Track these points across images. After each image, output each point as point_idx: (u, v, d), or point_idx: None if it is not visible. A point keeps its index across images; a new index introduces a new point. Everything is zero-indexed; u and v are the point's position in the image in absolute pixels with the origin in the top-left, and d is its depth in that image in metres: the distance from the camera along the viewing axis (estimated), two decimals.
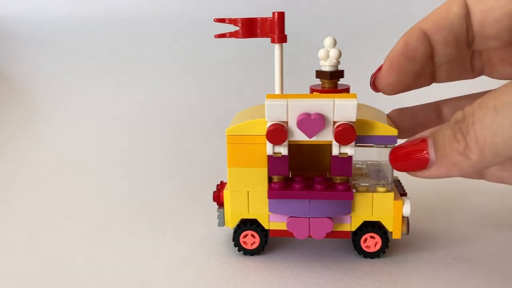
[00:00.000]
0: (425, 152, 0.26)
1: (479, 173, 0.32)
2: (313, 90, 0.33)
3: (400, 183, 0.35)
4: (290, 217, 0.32)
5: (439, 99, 0.35)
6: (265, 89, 0.34)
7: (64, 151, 0.61)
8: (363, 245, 0.33)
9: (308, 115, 0.29)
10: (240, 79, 0.75)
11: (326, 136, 0.30)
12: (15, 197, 0.47)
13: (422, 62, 0.28)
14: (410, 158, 0.27)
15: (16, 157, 0.60)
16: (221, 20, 0.34)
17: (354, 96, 0.29)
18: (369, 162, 0.36)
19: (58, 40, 0.81)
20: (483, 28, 0.27)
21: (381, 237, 0.33)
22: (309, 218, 0.32)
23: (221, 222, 0.35)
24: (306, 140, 0.30)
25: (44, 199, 0.46)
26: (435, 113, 0.34)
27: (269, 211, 0.33)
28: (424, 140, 0.26)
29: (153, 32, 0.81)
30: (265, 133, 0.31)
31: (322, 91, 0.32)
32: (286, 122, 0.30)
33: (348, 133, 0.29)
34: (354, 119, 0.29)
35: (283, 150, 0.30)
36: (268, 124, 0.30)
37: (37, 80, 0.79)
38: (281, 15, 0.32)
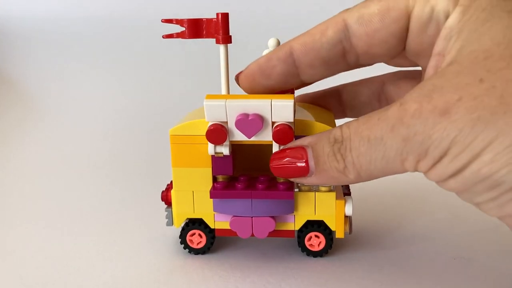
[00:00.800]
0: (304, 161, 0.27)
1: None
2: None
3: None
4: (234, 216, 0.32)
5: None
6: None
7: (64, 151, 0.62)
8: (307, 244, 0.33)
9: (246, 115, 0.29)
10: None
11: (266, 136, 0.30)
12: (15, 197, 0.48)
13: (279, 80, 0.30)
14: (290, 167, 0.28)
15: (16, 156, 0.60)
16: (169, 21, 0.34)
17: (292, 97, 0.29)
18: None
19: (58, 40, 0.81)
20: (370, 48, 0.28)
21: (325, 236, 0.33)
22: (252, 217, 0.32)
23: (170, 222, 0.35)
24: (247, 140, 0.30)
25: (44, 199, 0.47)
26: (335, 98, 0.35)
27: (214, 210, 0.33)
28: (303, 149, 0.27)
29: (154, 32, 0.82)
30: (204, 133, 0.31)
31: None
32: (226, 123, 0.30)
33: (286, 133, 0.29)
34: (291, 119, 0.29)
35: (224, 150, 0.31)
36: (209, 124, 0.30)
37: (37, 80, 0.78)
38: (225, 16, 0.32)
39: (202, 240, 0.34)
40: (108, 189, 0.49)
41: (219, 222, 0.33)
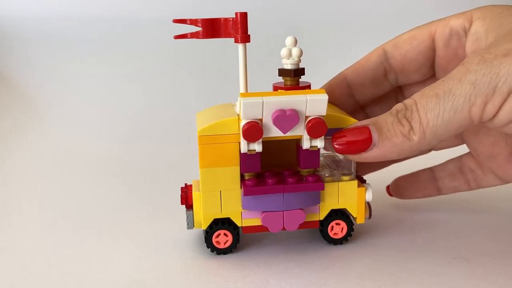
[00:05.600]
0: (368, 134, 0.30)
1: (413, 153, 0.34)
2: (276, 87, 0.34)
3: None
4: (264, 212, 0.33)
5: None
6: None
7: (64, 151, 0.61)
8: (330, 233, 0.35)
9: (283, 111, 0.30)
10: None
11: (298, 131, 0.31)
12: (15, 197, 0.47)
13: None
14: (353, 141, 0.30)
15: (16, 156, 0.59)
16: (182, 21, 0.33)
17: (323, 91, 0.31)
18: (325, 154, 0.38)
19: (57, 40, 0.80)
20: (404, 66, 0.36)
21: (347, 223, 0.35)
22: (283, 211, 0.33)
23: (191, 225, 0.34)
24: (279, 136, 0.31)
25: (44, 199, 0.46)
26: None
27: (243, 208, 0.33)
28: (365, 126, 0.30)
29: (154, 32, 0.80)
30: (237, 132, 0.31)
31: (286, 88, 0.34)
32: (261, 120, 0.30)
33: (320, 126, 0.30)
34: (324, 113, 0.31)
35: (257, 147, 0.31)
36: (243, 122, 0.30)
37: (37, 80, 0.78)
38: (244, 15, 0.32)
39: (228, 239, 0.34)
40: (112, 189, 0.49)
41: (247, 219, 0.34)
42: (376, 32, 0.63)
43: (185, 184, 0.36)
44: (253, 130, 0.30)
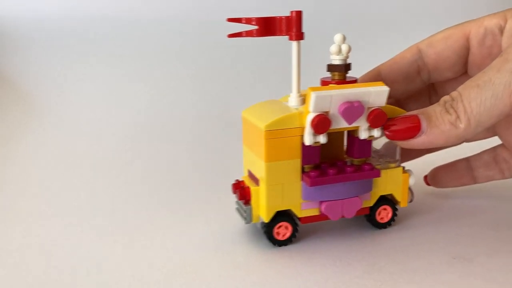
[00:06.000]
0: (417, 123, 0.32)
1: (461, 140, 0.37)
2: (325, 82, 0.36)
3: None
4: (324, 201, 0.34)
5: None
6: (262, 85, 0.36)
7: (65, 151, 0.60)
8: (377, 218, 0.37)
9: (351, 103, 0.32)
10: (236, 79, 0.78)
11: (359, 122, 0.33)
12: (15, 197, 0.46)
13: None
14: (404, 127, 0.33)
15: (16, 156, 0.59)
16: (236, 20, 0.34)
17: (383, 84, 0.33)
18: None
19: (58, 40, 0.80)
20: (437, 64, 0.38)
21: (392, 208, 0.37)
22: (343, 199, 0.34)
23: (249, 219, 0.35)
24: (342, 127, 0.33)
25: (45, 199, 0.46)
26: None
27: (304, 199, 0.34)
28: (415, 115, 0.33)
29: (154, 31, 0.81)
30: (300, 125, 0.33)
31: (336, 82, 0.35)
32: (327, 112, 0.32)
33: (382, 117, 0.33)
34: (384, 104, 0.33)
35: (322, 139, 0.32)
36: (312, 115, 0.32)
37: (37, 80, 0.78)
38: (299, 13, 0.34)
39: (288, 231, 0.35)
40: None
41: (305, 210, 0.35)
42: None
43: (237, 181, 0.37)
44: (323, 122, 0.31)
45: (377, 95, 0.32)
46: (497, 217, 0.40)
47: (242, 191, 0.35)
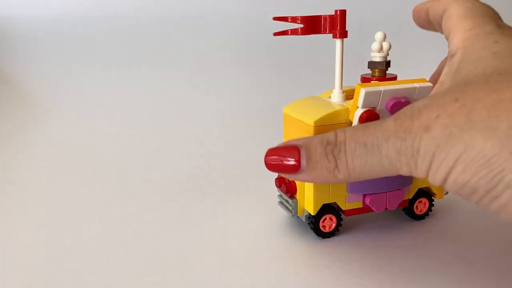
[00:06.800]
0: (296, 159, 0.29)
1: None
2: (365, 78, 0.37)
3: None
4: (368, 194, 0.36)
5: None
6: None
7: (65, 151, 0.60)
8: (416, 210, 0.38)
9: (398, 99, 0.33)
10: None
11: None
12: (16, 197, 0.46)
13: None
14: (283, 164, 0.30)
15: (16, 157, 0.59)
16: (283, 19, 0.35)
17: (426, 80, 0.34)
18: None
19: (58, 40, 0.81)
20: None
21: (429, 200, 0.39)
22: (386, 192, 0.36)
23: (295, 212, 0.36)
24: None
25: (46, 199, 0.46)
26: None
27: (349, 192, 0.35)
28: (296, 148, 0.30)
29: (154, 32, 0.81)
30: (347, 121, 0.34)
31: (377, 78, 0.36)
32: (375, 108, 0.33)
33: None
34: None
35: None
36: (360, 110, 0.33)
37: (37, 80, 0.78)
38: (343, 12, 0.35)
39: (333, 223, 0.36)
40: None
41: (350, 203, 0.36)
42: None
43: (280, 175, 0.37)
44: (372, 118, 0.32)
45: (421, 91, 0.33)
46: (498, 217, 0.39)
47: (287, 185, 0.36)
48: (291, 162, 0.29)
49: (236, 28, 0.82)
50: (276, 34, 0.35)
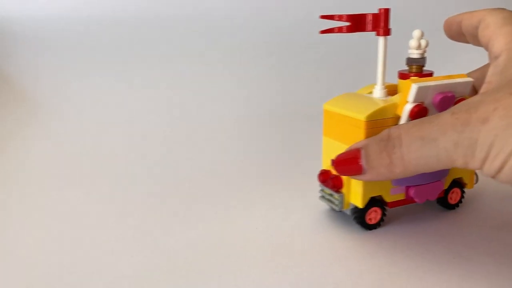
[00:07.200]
0: (359, 161, 0.32)
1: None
2: (403, 74, 0.38)
3: None
4: (410, 186, 0.37)
5: None
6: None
7: (65, 151, 0.60)
8: (450, 200, 0.40)
9: (445, 93, 0.34)
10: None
11: None
12: (16, 197, 0.46)
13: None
14: (347, 167, 0.33)
15: (17, 157, 0.58)
16: (330, 17, 0.36)
17: (465, 76, 0.36)
18: None
19: (58, 40, 0.80)
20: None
21: (461, 191, 0.41)
22: (428, 184, 0.37)
23: (340, 206, 0.37)
24: None
25: (46, 198, 0.45)
26: None
27: (394, 184, 0.37)
28: (358, 151, 0.32)
29: (154, 32, 0.81)
30: (394, 115, 0.35)
31: (414, 74, 0.38)
32: (423, 102, 0.34)
33: None
34: (467, 94, 0.36)
35: None
36: (410, 105, 0.34)
37: (37, 80, 0.77)
38: (387, 10, 0.36)
39: (377, 215, 0.37)
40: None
41: (393, 195, 0.37)
42: None
43: (323, 171, 0.38)
44: (422, 112, 0.34)
45: (464, 86, 0.35)
46: (497, 216, 0.40)
47: (334, 180, 0.37)
48: (355, 164, 0.32)
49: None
50: (322, 32, 0.36)
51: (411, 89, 0.33)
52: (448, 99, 0.34)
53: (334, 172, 0.38)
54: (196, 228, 0.38)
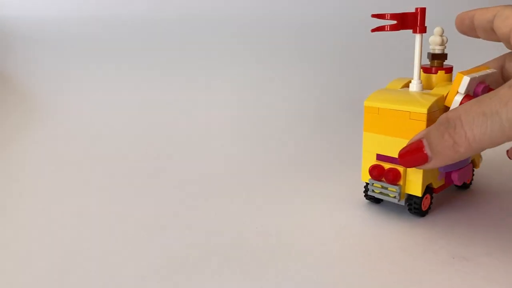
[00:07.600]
0: (423, 151, 0.34)
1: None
2: (426, 68, 0.41)
3: None
4: (451, 172, 0.40)
5: None
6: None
7: (65, 151, 0.60)
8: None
9: (484, 84, 0.38)
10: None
11: None
12: (16, 197, 0.46)
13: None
14: (413, 158, 0.34)
15: (16, 157, 0.58)
16: (381, 16, 0.37)
17: (489, 67, 0.40)
18: None
19: (58, 40, 0.80)
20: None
21: (473, 172, 0.45)
22: (464, 167, 0.41)
23: (398, 197, 0.38)
24: None
25: (46, 198, 0.45)
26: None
27: (441, 171, 0.39)
28: (420, 141, 0.34)
29: (155, 32, 0.78)
30: (442, 107, 0.38)
31: (436, 69, 0.41)
32: (469, 93, 0.38)
33: None
34: (495, 84, 0.40)
35: None
36: (460, 96, 0.37)
37: (37, 80, 0.78)
38: (423, 10, 0.38)
39: (427, 202, 0.40)
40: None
41: (438, 181, 0.40)
42: None
43: (374, 165, 0.39)
44: None
45: (493, 76, 0.39)
46: (497, 216, 0.40)
47: (392, 175, 0.38)
48: (420, 153, 0.33)
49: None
50: (374, 30, 0.37)
51: (463, 81, 0.36)
52: (485, 89, 0.38)
53: (385, 166, 0.39)
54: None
